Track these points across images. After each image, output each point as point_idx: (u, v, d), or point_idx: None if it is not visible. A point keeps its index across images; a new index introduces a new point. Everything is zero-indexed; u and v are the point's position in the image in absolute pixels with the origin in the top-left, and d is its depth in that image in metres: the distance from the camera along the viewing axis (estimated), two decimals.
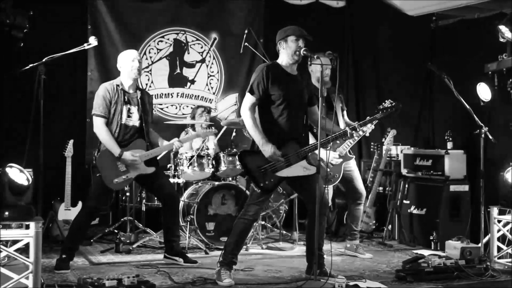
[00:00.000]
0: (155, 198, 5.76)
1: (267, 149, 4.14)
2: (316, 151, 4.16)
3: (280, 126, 4.24)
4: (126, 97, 4.73)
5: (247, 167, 4.26)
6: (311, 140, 4.48)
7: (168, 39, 6.94)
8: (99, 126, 4.65)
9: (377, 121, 5.16)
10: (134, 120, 4.77)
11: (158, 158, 4.98)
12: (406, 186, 6.24)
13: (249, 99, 4.25)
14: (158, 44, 6.90)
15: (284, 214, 6.25)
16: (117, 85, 4.73)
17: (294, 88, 4.30)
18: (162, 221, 4.98)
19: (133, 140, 4.75)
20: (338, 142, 5.17)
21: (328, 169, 5.07)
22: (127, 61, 4.76)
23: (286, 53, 4.28)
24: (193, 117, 6.34)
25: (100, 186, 4.67)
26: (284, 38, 4.27)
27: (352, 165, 5.36)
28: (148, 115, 4.85)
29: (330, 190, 5.47)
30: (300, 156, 4.24)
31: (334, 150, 5.12)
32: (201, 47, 7.10)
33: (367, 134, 5.22)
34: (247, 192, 5.57)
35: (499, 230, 5.14)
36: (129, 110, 4.74)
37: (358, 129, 4.40)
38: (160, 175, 4.95)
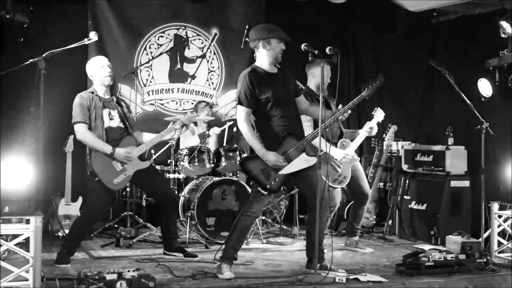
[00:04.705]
0: None
1: (270, 157, 4.17)
2: (315, 141, 4.16)
3: (275, 126, 4.26)
4: (102, 103, 4.71)
5: (251, 173, 4.26)
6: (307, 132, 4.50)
7: (168, 35, 6.93)
8: (82, 132, 4.59)
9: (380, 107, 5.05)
10: (117, 122, 4.75)
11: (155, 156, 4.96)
12: (407, 181, 6.23)
13: (241, 110, 4.25)
14: (158, 39, 6.89)
15: (285, 209, 6.25)
16: (92, 93, 4.71)
17: (279, 85, 4.30)
18: (160, 220, 4.97)
19: (122, 139, 4.72)
20: (344, 144, 5.17)
21: (339, 169, 5.07)
22: (97, 68, 4.74)
23: (269, 54, 4.27)
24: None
25: (101, 190, 4.62)
26: (267, 39, 4.24)
27: (357, 165, 5.35)
28: (129, 119, 4.83)
29: (338, 191, 5.45)
30: (299, 150, 4.26)
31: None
32: (202, 43, 7.09)
33: (373, 133, 5.22)
34: (248, 187, 5.58)
35: (499, 225, 5.13)
36: (109, 113, 4.72)
37: (343, 111, 4.37)
38: (155, 173, 4.97)
